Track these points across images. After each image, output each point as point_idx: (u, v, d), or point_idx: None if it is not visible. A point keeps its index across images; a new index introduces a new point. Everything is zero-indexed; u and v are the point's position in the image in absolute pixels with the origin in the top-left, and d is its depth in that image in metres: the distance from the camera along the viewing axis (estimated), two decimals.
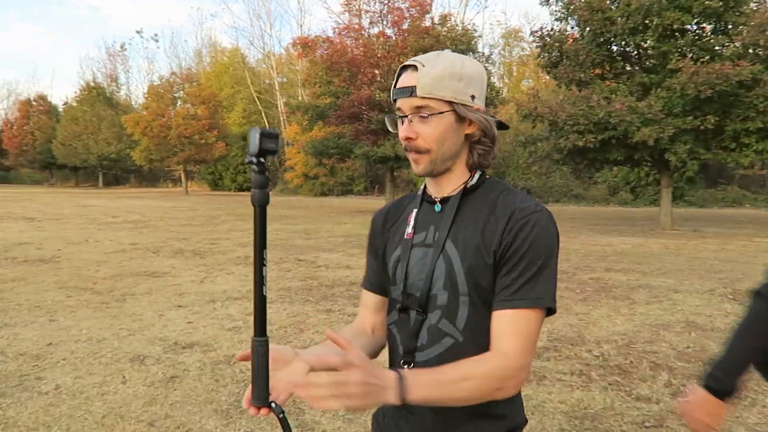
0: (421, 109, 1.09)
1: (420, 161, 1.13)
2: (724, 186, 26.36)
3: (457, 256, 1.11)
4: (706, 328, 5.13)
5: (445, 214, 1.15)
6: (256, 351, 0.94)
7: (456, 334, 1.10)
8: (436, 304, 1.12)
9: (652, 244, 11.43)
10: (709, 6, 11.92)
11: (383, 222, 1.29)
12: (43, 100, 58.42)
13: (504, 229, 1.07)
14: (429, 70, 1.07)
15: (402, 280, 1.17)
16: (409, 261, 1.16)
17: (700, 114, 12.50)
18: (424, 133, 1.10)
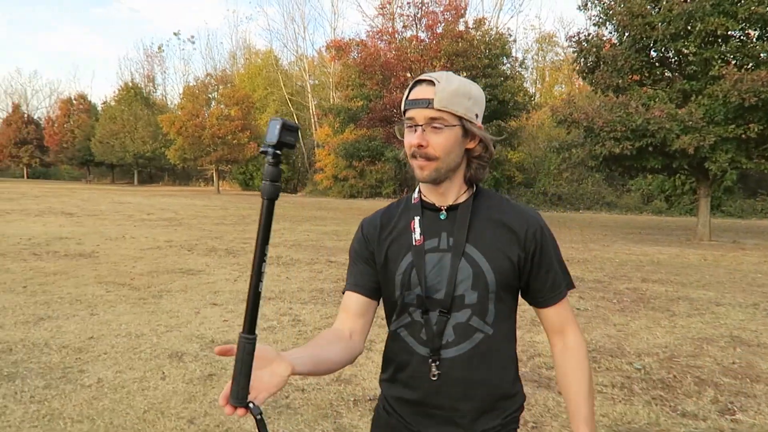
0: (435, 120, 1.18)
1: (426, 168, 1.21)
2: (764, 196, 25.56)
3: (483, 258, 1.22)
4: (752, 343, 4.96)
5: (458, 221, 1.24)
6: (242, 348, 0.93)
7: (486, 329, 1.23)
8: (464, 303, 1.21)
9: (689, 255, 11.14)
10: (756, 11, 11.57)
11: (379, 229, 1.32)
12: (83, 99, 60.12)
13: (525, 236, 1.24)
14: (445, 86, 1.18)
15: (417, 285, 1.23)
16: (426, 266, 1.23)
17: (743, 122, 12.13)
18: (435, 142, 1.19)
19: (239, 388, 0.93)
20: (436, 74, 1.21)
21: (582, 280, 8.07)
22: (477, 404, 1.24)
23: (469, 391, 1.23)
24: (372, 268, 1.31)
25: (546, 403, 3.57)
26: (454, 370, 1.22)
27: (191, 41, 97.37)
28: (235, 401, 0.92)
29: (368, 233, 1.34)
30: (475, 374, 1.23)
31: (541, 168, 30.49)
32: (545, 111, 29.68)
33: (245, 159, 39.16)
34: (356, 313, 1.30)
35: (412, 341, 1.26)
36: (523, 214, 1.27)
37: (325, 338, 1.25)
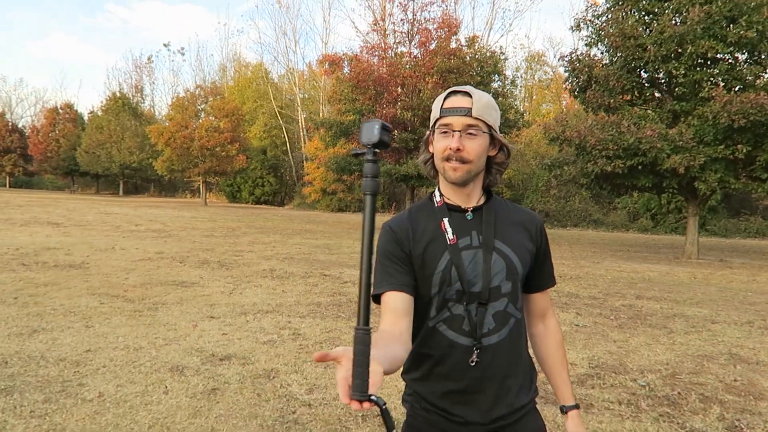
0: (472, 127, 1.31)
1: (459, 170, 1.33)
2: (747, 216, 25.99)
3: (512, 252, 1.37)
4: (751, 361, 5.00)
5: (484, 220, 1.38)
6: (360, 341, 0.90)
7: (516, 314, 1.39)
8: (501, 293, 1.35)
9: (679, 273, 11.25)
10: (745, 36, 11.84)
11: (411, 231, 1.39)
12: (70, 109, 59.56)
13: (535, 232, 1.44)
14: (480, 97, 1.33)
15: (457, 280, 1.32)
16: (462, 262, 1.33)
17: (732, 143, 12.36)
18: (470, 147, 1.32)
19: (362, 381, 0.90)
20: (467, 87, 1.34)
21: (577, 296, 8.10)
22: (519, 380, 1.40)
23: (512, 370, 1.38)
24: (410, 267, 1.35)
25: (555, 419, 3.54)
26: (497, 354, 1.35)
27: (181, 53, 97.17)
28: (360, 395, 0.89)
29: (401, 235, 1.38)
30: (514, 355, 1.39)
31: (530, 185, 30.74)
32: (534, 129, 30.00)
33: (234, 171, 38.97)
34: (403, 311, 1.30)
35: (453, 334, 1.34)
36: (530, 214, 1.49)
37: (384, 339, 1.21)
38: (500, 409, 1.36)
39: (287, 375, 4.23)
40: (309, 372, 4.31)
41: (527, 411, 1.42)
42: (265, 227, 19.83)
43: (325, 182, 35.47)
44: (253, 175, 43.95)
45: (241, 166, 38.27)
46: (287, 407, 3.62)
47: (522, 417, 1.40)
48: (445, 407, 1.36)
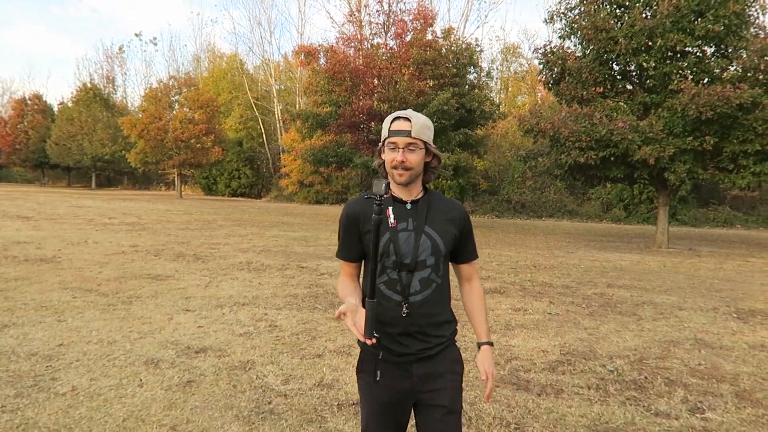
0: (411, 144, 1.80)
1: (404, 175, 1.82)
2: (716, 206, 26.65)
3: (437, 235, 1.84)
4: (715, 346, 5.17)
5: (419, 210, 1.86)
6: (371, 307, 1.64)
7: (437, 280, 1.86)
8: (426, 265, 1.82)
9: (650, 262, 11.52)
10: (712, 30, 12.10)
11: (363, 216, 1.87)
12: (39, 100, 58.07)
13: (458, 219, 1.90)
14: (416, 121, 1.81)
15: (393, 254, 1.80)
16: (398, 241, 1.81)
17: (699, 135, 12.66)
18: (411, 158, 1.81)
19: (372, 328, 1.62)
20: (407, 112, 1.83)
21: (551, 285, 8.25)
22: (436, 326, 1.87)
23: (431, 319, 1.85)
24: (359, 242, 1.90)
25: (526, 404, 3.65)
26: (422, 308, 1.82)
27: (153, 43, 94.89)
28: (371, 335, 1.61)
29: (356, 217, 1.88)
30: (433, 309, 1.86)
31: (506, 176, 31.01)
32: (510, 120, 30.25)
33: (209, 163, 38.48)
34: (355, 273, 1.96)
35: (389, 292, 1.83)
36: (456, 205, 1.94)
37: (351, 286, 1.89)
38: (422, 345, 1.84)
39: (263, 366, 4.25)
40: (285, 363, 4.34)
41: (445, 346, 1.89)
42: (241, 220, 19.69)
43: (302, 174, 35.26)
44: (229, 168, 43.47)
45: (216, 158, 37.81)
46: (263, 398, 3.65)
47: (441, 351, 1.88)
48: (385, 344, 1.83)
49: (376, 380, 1.75)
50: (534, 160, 15.30)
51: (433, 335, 1.85)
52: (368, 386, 1.88)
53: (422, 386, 1.84)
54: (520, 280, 8.68)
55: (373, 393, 1.87)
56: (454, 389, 1.88)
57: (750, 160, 12.48)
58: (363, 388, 1.92)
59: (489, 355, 1.94)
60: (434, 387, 1.84)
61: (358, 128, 20.69)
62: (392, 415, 1.87)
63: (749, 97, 11.54)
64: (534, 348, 4.93)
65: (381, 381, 1.81)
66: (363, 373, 1.90)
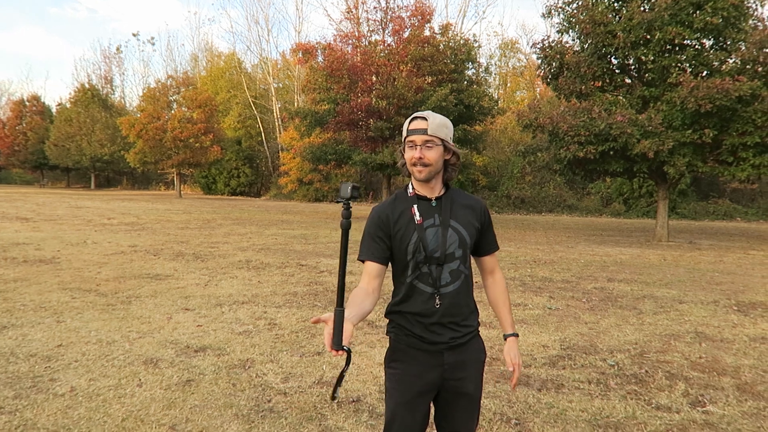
0: (428, 141, 1.88)
1: (423, 171, 1.89)
2: (716, 199, 26.62)
3: (462, 228, 1.93)
4: (716, 339, 5.16)
5: (443, 206, 1.93)
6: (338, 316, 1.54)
7: (465, 271, 1.95)
8: (455, 257, 1.90)
9: (650, 255, 11.51)
10: (711, 22, 12.06)
11: (392, 214, 1.93)
12: (37, 101, 57.97)
13: (479, 213, 1.99)
14: (433, 120, 1.89)
15: (425, 249, 1.87)
16: (426, 237, 1.89)
17: (699, 128, 12.63)
18: (428, 155, 1.88)
19: (339, 338, 1.53)
20: (425, 113, 1.91)
21: (551, 280, 8.24)
22: (465, 315, 1.96)
23: (463, 309, 1.95)
24: (386, 244, 1.92)
25: (527, 400, 3.63)
26: (453, 298, 1.91)
27: (151, 43, 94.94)
28: (338, 346, 1.53)
29: (384, 218, 1.93)
30: (465, 298, 1.95)
31: (505, 172, 30.97)
32: (509, 116, 30.20)
33: (208, 162, 38.43)
34: (376, 275, 1.90)
35: (422, 286, 1.91)
36: (476, 200, 2.03)
37: (360, 296, 1.82)
38: (454, 333, 1.93)
39: (263, 365, 4.24)
40: (285, 361, 4.33)
41: (473, 335, 1.99)
42: (241, 218, 19.67)
43: (301, 172, 35.22)
44: (228, 166, 43.42)
45: (215, 158, 37.76)
46: (263, 396, 3.64)
47: (469, 340, 1.97)
48: (419, 333, 1.92)
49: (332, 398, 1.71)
50: (533, 155, 15.30)
51: (463, 324, 1.95)
52: (398, 375, 1.94)
53: (452, 374, 1.93)
54: (520, 275, 8.67)
55: (403, 381, 1.92)
56: (478, 377, 2.00)
57: (749, 152, 12.45)
58: (392, 378, 1.95)
59: (515, 347, 2.04)
60: (462, 375, 1.94)
61: (357, 125, 20.67)
62: (419, 405, 1.93)
63: (748, 89, 11.50)
64: (534, 343, 4.92)
65: (412, 369, 1.92)
66: (394, 363, 1.96)
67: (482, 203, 2.03)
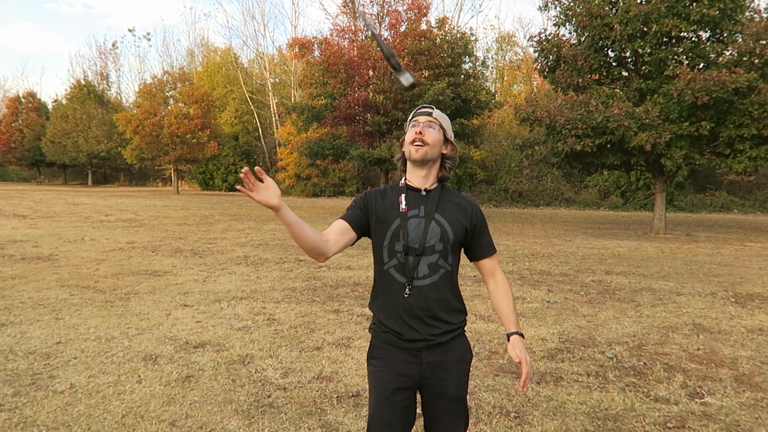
0: (431, 122, 1.92)
1: (420, 150, 1.89)
2: (713, 191, 26.67)
3: (447, 223, 1.90)
4: (714, 330, 5.18)
5: (431, 198, 1.92)
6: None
7: (446, 266, 1.90)
8: (434, 250, 1.87)
9: (648, 248, 11.53)
10: (707, 14, 12.05)
11: (380, 198, 1.96)
12: (33, 97, 57.73)
13: (470, 213, 1.95)
14: (437, 111, 1.96)
15: (404, 238, 1.87)
16: (408, 226, 1.88)
17: (696, 120, 12.63)
18: (428, 133, 1.90)
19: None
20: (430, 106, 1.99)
21: (549, 274, 8.25)
22: (446, 311, 1.91)
23: (441, 304, 1.89)
24: (364, 216, 1.93)
25: (526, 393, 3.64)
26: (428, 292, 1.87)
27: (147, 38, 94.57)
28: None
29: (372, 197, 1.97)
30: (442, 294, 1.90)
31: (503, 165, 30.97)
32: (506, 109, 30.16)
33: (205, 158, 38.39)
34: (338, 231, 1.89)
35: (397, 275, 1.89)
36: (469, 201, 2.00)
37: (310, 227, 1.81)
38: (431, 329, 1.88)
39: (262, 360, 4.25)
40: (284, 356, 4.33)
41: (455, 335, 1.93)
42: (239, 214, 19.65)
43: (298, 167, 35.19)
44: (225, 162, 43.35)
45: (212, 153, 37.73)
46: (262, 391, 3.64)
47: (451, 339, 1.92)
48: (394, 328, 1.89)
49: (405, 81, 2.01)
50: (530, 149, 15.28)
51: (443, 321, 1.89)
52: (377, 372, 1.92)
53: (431, 373, 1.89)
54: (519, 268, 8.68)
55: (382, 378, 1.90)
56: (461, 378, 1.94)
57: (746, 144, 12.47)
58: (372, 375, 1.95)
59: (519, 343, 1.91)
60: (442, 375, 1.90)
61: (354, 120, 20.63)
62: (399, 402, 1.88)
63: (745, 81, 11.50)
64: (533, 336, 4.93)
65: (389, 366, 1.89)
66: (373, 359, 1.95)
67: (475, 205, 2.00)
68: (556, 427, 3.15)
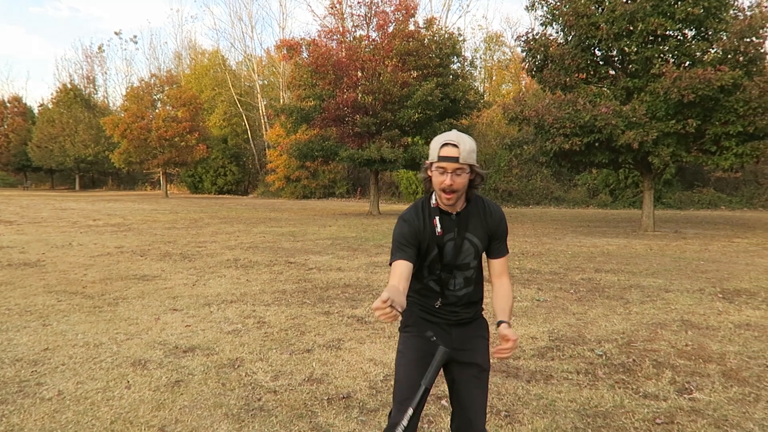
0: (458, 169, 2.00)
1: (452, 198, 2.04)
2: (700, 188, 26.92)
3: (477, 239, 2.13)
4: (702, 326, 5.22)
5: (461, 220, 2.12)
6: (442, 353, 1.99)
7: (478, 278, 2.23)
8: (470, 266, 2.15)
9: (636, 245, 11.61)
10: (692, 13, 12.17)
11: (421, 226, 2.11)
12: (18, 102, 57.21)
13: (492, 221, 2.16)
14: (464, 147, 2.00)
15: (440, 260, 2.11)
16: (445, 248, 2.11)
17: (682, 118, 12.74)
18: (458, 182, 2.02)
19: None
20: (455, 137, 2.01)
21: (539, 272, 8.29)
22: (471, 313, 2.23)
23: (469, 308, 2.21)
24: (416, 249, 2.08)
25: (516, 392, 3.65)
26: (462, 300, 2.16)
27: (134, 41, 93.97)
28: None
29: (416, 226, 2.10)
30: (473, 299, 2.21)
31: (492, 165, 31.08)
32: (495, 109, 30.26)
33: (194, 161, 38.16)
34: (405, 277, 1.99)
35: (435, 287, 2.16)
36: (495, 211, 2.19)
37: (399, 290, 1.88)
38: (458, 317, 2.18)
39: (252, 363, 4.23)
40: (274, 359, 4.31)
41: (477, 316, 2.24)
42: (228, 217, 19.56)
43: (288, 169, 35.09)
44: (214, 165, 43.15)
45: (201, 156, 37.52)
46: (253, 395, 3.63)
47: (475, 319, 2.23)
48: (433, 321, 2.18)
49: (431, 338, 2.07)
50: (519, 148, 15.35)
51: (465, 311, 2.20)
52: (412, 337, 2.18)
53: (460, 345, 2.16)
54: (509, 267, 8.70)
55: (417, 340, 2.16)
56: (485, 351, 2.22)
57: (732, 141, 12.60)
58: (406, 340, 2.20)
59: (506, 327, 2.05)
60: (469, 347, 2.18)
61: (343, 121, 20.61)
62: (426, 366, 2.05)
63: (730, 78, 11.63)
64: (523, 335, 4.95)
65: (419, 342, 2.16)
66: (408, 327, 2.21)
67: (497, 214, 2.18)
68: (546, 425, 3.16)
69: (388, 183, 34.18)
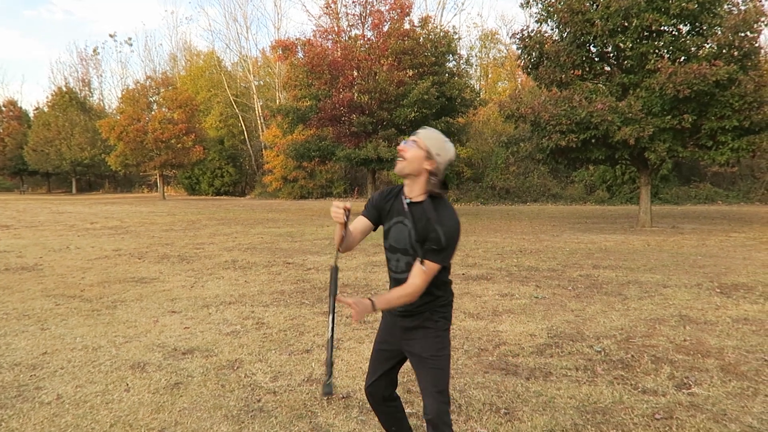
0: (414, 141, 2.22)
1: (399, 163, 2.23)
2: (697, 183, 26.98)
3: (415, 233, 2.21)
4: (700, 321, 5.24)
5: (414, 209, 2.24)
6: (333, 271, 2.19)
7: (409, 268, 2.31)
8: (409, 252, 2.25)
9: (634, 241, 11.64)
10: (687, 8, 12.18)
11: (384, 199, 2.36)
12: (13, 106, 57.04)
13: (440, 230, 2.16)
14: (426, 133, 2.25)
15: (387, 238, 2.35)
16: (392, 228, 2.32)
17: (678, 113, 12.76)
18: (407, 150, 2.21)
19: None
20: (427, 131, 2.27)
21: (537, 269, 8.30)
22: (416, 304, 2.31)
23: None
24: (377, 213, 2.37)
25: (515, 389, 3.66)
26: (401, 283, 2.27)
27: (128, 43, 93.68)
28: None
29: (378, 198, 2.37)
30: None
31: (489, 163, 31.08)
32: (491, 107, 30.27)
33: (191, 163, 38.11)
34: (362, 229, 2.37)
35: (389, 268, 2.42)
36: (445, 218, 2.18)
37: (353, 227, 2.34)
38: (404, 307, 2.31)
39: (251, 364, 4.22)
40: (273, 360, 4.31)
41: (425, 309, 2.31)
42: (226, 218, 19.54)
43: (285, 170, 35.06)
44: (211, 166, 43.07)
45: (198, 158, 37.46)
46: (252, 396, 3.63)
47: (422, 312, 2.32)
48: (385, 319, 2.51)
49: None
50: (516, 146, 15.36)
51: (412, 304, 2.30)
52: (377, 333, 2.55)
53: (402, 335, 2.39)
54: (507, 265, 8.72)
55: (378, 333, 2.53)
56: (426, 341, 2.32)
57: (728, 136, 12.63)
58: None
59: (365, 301, 2.17)
60: (411, 337, 2.36)
61: (339, 121, 20.61)
62: (383, 356, 2.49)
63: (725, 73, 11.65)
64: (522, 332, 4.96)
65: (383, 325, 2.51)
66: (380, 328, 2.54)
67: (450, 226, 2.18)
68: (546, 422, 3.16)
69: (386, 182, 34.17)
